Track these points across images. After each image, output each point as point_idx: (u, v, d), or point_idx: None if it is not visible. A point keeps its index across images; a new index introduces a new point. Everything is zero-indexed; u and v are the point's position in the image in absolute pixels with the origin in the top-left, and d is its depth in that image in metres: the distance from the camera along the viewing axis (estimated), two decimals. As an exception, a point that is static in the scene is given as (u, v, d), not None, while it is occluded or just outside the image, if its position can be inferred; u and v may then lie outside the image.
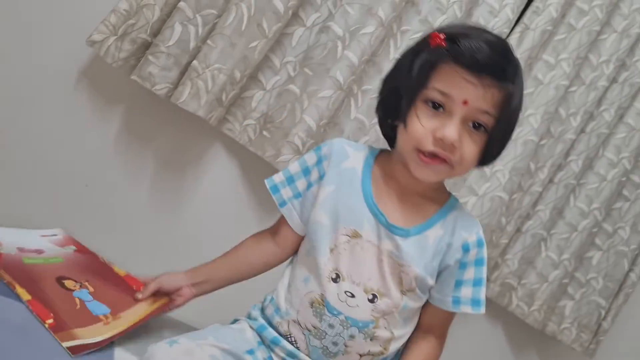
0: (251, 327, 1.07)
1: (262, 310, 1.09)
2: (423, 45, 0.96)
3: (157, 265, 1.57)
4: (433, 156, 0.94)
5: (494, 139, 0.97)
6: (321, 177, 1.05)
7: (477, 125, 0.94)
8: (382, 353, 1.02)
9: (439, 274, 1.03)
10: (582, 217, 1.79)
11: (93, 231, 1.52)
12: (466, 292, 1.02)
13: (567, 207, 1.80)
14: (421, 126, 0.93)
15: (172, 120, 1.52)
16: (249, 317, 1.10)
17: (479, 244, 1.03)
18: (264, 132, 1.53)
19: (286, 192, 1.08)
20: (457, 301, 1.03)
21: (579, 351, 1.85)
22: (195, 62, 1.40)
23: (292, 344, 1.02)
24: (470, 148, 0.95)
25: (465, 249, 1.02)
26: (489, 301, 1.32)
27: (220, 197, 1.61)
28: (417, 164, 0.96)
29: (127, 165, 1.54)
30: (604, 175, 1.80)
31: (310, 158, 1.07)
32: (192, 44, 1.41)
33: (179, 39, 1.39)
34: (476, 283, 1.03)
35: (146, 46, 1.41)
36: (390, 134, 1.06)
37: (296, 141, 1.50)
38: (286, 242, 1.11)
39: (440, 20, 1.57)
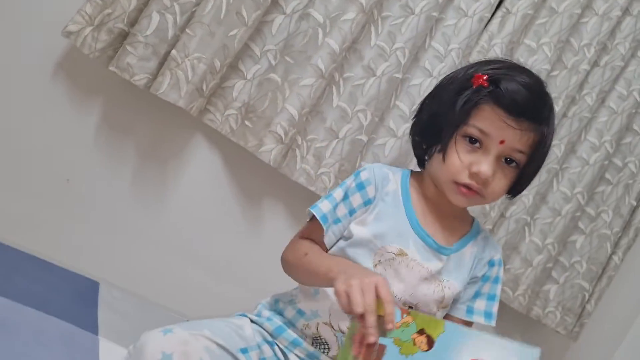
0: (256, 324, 1.08)
1: (279, 311, 1.11)
2: (466, 84, 1.03)
3: (141, 257, 1.57)
4: (469, 188, 1.02)
5: (524, 175, 1.06)
6: (366, 202, 1.09)
7: (509, 161, 1.03)
8: None
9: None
10: (565, 202, 1.79)
11: (75, 225, 1.51)
12: (480, 304, 1.12)
13: (550, 191, 1.80)
14: (460, 161, 1.01)
15: (152, 111, 1.50)
16: (259, 315, 1.11)
17: (500, 263, 1.14)
18: (246, 122, 1.52)
19: (331, 217, 1.08)
20: (470, 310, 1.12)
21: (563, 334, 1.86)
22: (174, 51, 1.38)
23: (322, 345, 1.06)
24: (502, 182, 1.04)
25: (491, 264, 1.13)
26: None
27: (202, 188, 1.59)
28: (455, 193, 1.04)
29: (107, 158, 1.51)
30: (587, 159, 1.80)
31: (350, 184, 1.10)
32: (170, 33, 1.39)
33: (157, 28, 1.37)
34: (490, 297, 1.13)
35: (123, 36, 1.39)
36: (421, 155, 1.14)
37: (278, 130, 1.49)
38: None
39: (421, 6, 1.56)
